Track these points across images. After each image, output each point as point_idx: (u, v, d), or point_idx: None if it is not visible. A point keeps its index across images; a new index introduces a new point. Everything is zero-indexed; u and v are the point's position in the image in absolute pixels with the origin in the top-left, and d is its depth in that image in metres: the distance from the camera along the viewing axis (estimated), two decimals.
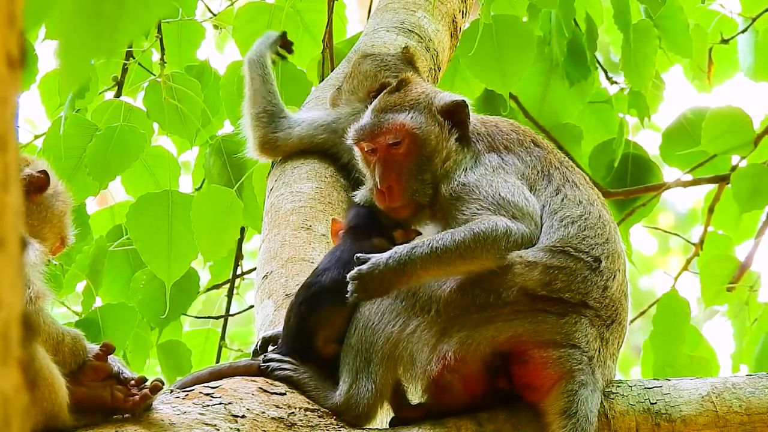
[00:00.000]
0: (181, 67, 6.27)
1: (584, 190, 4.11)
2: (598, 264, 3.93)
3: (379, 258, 3.87)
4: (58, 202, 4.10)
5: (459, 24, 6.00)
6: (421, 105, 4.20)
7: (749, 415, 3.92)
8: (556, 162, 4.17)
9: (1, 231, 1.67)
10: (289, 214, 4.89)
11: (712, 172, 6.57)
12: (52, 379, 3.55)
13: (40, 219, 4.01)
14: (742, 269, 6.41)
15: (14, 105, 1.70)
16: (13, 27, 1.68)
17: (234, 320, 6.85)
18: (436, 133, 4.16)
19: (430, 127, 4.17)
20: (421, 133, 4.14)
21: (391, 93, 4.27)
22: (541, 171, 4.11)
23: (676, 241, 11.05)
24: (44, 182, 4.03)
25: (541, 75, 6.56)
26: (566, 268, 3.89)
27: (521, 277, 3.86)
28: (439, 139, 4.16)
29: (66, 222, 4.13)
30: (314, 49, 6.34)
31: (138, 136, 5.69)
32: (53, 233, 4.07)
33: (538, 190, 4.06)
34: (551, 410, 3.82)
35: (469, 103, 4.24)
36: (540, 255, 3.89)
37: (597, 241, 3.97)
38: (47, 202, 4.06)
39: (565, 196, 4.04)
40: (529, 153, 4.16)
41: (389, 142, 4.14)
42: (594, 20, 6.50)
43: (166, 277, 5.58)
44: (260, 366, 4.00)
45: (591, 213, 4.03)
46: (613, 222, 4.12)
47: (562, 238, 3.93)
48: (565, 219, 3.97)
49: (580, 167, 4.48)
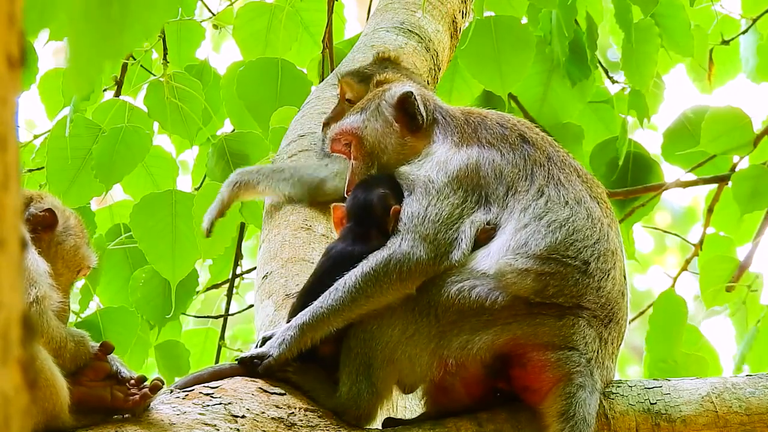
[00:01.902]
0: (181, 66, 6.27)
1: (571, 188, 4.03)
2: (586, 266, 3.91)
3: (269, 350, 3.96)
4: (69, 237, 4.07)
5: (459, 24, 6.00)
6: (371, 104, 4.31)
7: (749, 416, 3.92)
8: (543, 159, 4.09)
9: (1, 231, 1.67)
10: (289, 214, 4.89)
11: (712, 172, 6.58)
12: (53, 379, 3.55)
13: (52, 255, 3.98)
14: (742, 269, 6.41)
15: (14, 105, 1.70)
16: (13, 27, 1.68)
17: (236, 318, 6.86)
18: (379, 130, 4.24)
19: (373, 124, 4.25)
20: (360, 133, 4.26)
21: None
22: (523, 169, 4.05)
23: (673, 239, 11.05)
24: (50, 220, 4.02)
25: (541, 75, 6.56)
26: (557, 273, 3.87)
27: (514, 286, 3.85)
28: (384, 135, 4.23)
29: (82, 254, 4.09)
30: (314, 49, 6.34)
31: (143, 136, 5.70)
32: (68, 268, 4.05)
33: (519, 191, 4.00)
34: (549, 412, 3.81)
35: (417, 92, 4.26)
36: (530, 263, 3.86)
37: (585, 244, 3.92)
38: (57, 239, 4.04)
39: (549, 198, 3.97)
40: (512, 149, 4.11)
41: (343, 146, 4.31)
42: (594, 20, 6.50)
43: (171, 277, 5.59)
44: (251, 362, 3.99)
45: (578, 214, 3.97)
46: (606, 217, 4.04)
47: (550, 245, 3.88)
48: (552, 224, 3.92)
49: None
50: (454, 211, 3.98)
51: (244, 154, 5.81)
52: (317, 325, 3.93)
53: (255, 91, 5.93)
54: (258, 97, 5.92)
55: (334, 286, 3.95)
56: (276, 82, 5.93)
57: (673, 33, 6.59)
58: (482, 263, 3.89)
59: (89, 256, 4.13)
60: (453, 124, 4.22)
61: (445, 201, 3.99)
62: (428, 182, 4.04)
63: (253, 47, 6.28)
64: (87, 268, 4.13)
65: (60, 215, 4.05)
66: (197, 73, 6.30)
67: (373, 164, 4.25)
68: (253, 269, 6.13)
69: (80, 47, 1.84)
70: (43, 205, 4.04)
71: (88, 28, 1.84)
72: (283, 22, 6.24)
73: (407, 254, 3.91)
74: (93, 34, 1.84)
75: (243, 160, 5.81)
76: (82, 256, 4.10)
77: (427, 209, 3.97)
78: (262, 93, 5.92)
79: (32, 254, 3.71)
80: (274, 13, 6.27)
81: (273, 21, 6.25)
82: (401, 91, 4.27)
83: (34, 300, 3.55)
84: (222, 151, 5.84)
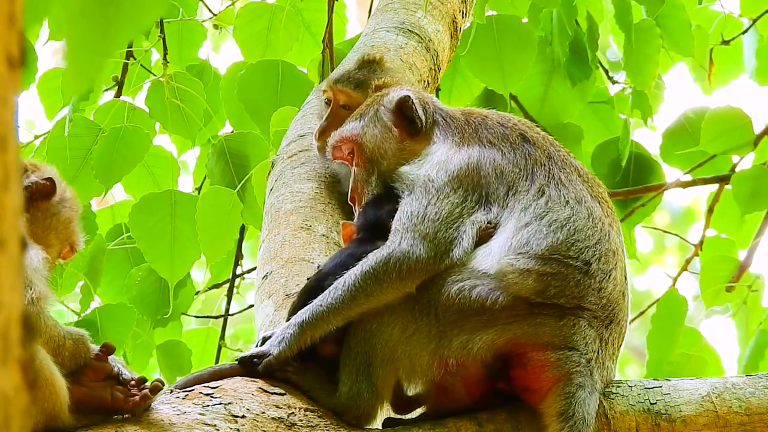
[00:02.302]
0: (182, 66, 6.27)
1: (572, 187, 4.03)
2: (588, 267, 3.91)
3: (269, 349, 3.95)
4: (65, 209, 4.07)
5: (459, 24, 6.00)
6: (370, 110, 4.34)
7: (749, 416, 3.92)
8: (543, 158, 4.09)
9: (1, 231, 1.67)
10: (289, 214, 4.89)
11: (712, 173, 6.57)
12: (53, 379, 3.55)
13: (46, 225, 3.98)
14: (742, 269, 6.41)
15: (14, 105, 1.70)
16: (13, 27, 1.68)
17: (237, 318, 6.86)
18: (378, 136, 4.27)
19: (372, 130, 4.28)
20: (360, 139, 4.29)
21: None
22: (524, 169, 4.05)
23: (672, 239, 11.04)
24: (50, 189, 4.01)
25: (542, 75, 6.56)
26: (558, 274, 3.86)
27: (516, 286, 3.84)
28: (384, 141, 4.26)
29: (73, 228, 4.10)
30: (315, 49, 6.34)
31: (142, 136, 5.70)
32: (59, 240, 4.05)
33: (519, 191, 4.00)
34: (549, 412, 3.81)
35: (415, 96, 4.27)
36: (532, 263, 3.85)
37: (587, 244, 3.92)
38: (53, 209, 4.03)
39: (549, 197, 3.97)
40: (513, 149, 4.10)
41: (345, 155, 4.34)
42: (595, 20, 6.50)
43: (169, 277, 5.59)
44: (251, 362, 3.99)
45: (579, 213, 3.96)
46: (607, 217, 4.04)
47: (551, 245, 3.88)
48: (553, 224, 3.91)
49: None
50: (454, 210, 3.98)
51: (244, 155, 5.81)
52: (317, 323, 3.93)
53: (255, 94, 5.93)
54: (258, 100, 5.92)
55: (334, 285, 3.95)
56: (276, 84, 5.93)
57: (673, 33, 6.59)
58: (483, 263, 3.89)
59: (79, 233, 4.13)
60: (453, 125, 4.22)
61: (445, 200, 3.99)
62: (428, 181, 4.04)
63: (254, 47, 6.27)
64: (74, 245, 4.11)
65: (58, 185, 4.04)
66: (197, 73, 6.30)
67: (374, 170, 4.25)
68: (254, 269, 6.13)
69: (78, 46, 1.84)
70: (42, 173, 4.03)
71: (86, 27, 1.84)
72: (283, 22, 6.24)
73: (407, 253, 3.91)
74: (91, 32, 1.84)
75: (243, 161, 5.81)
76: (73, 229, 4.09)
77: (427, 208, 3.97)
78: (262, 96, 5.92)
79: (29, 252, 3.71)
80: (275, 14, 6.27)
81: (274, 21, 6.25)
82: (399, 95, 4.28)
83: (30, 301, 3.55)
84: (222, 151, 5.84)
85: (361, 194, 4.28)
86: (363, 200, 4.26)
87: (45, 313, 3.63)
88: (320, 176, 5.06)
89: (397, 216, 4.03)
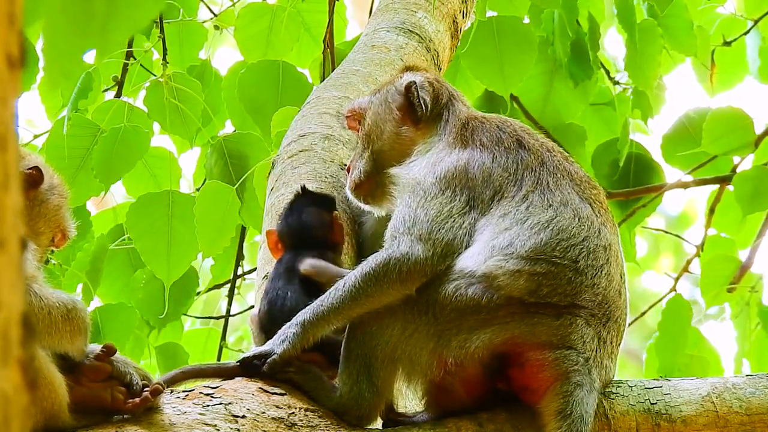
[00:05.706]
0: (183, 67, 6.27)
1: (558, 192, 4.00)
2: (576, 264, 3.89)
3: (272, 348, 3.96)
4: (53, 196, 4.05)
5: (460, 24, 6.00)
6: (384, 88, 4.41)
7: (749, 416, 3.92)
8: (535, 164, 4.06)
9: (1, 231, 1.67)
10: None
11: (713, 173, 6.57)
12: (52, 379, 3.55)
13: (35, 214, 3.96)
14: (743, 270, 6.41)
15: (14, 105, 1.70)
16: (13, 27, 1.68)
17: (237, 320, 6.86)
18: (380, 114, 4.33)
19: (377, 107, 4.36)
20: (364, 112, 4.38)
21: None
22: (513, 174, 4.03)
23: (666, 244, 11.02)
24: (37, 178, 3.98)
25: (544, 75, 6.56)
26: (548, 273, 3.85)
27: (508, 287, 3.84)
28: (384, 120, 4.32)
29: (63, 215, 4.08)
30: (315, 49, 6.34)
31: (142, 136, 5.70)
32: (49, 227, 4.03)
33: (506, 196, 3.99)
34: (547, 411, 3.81)
35: (430, 85, 4.31)
36: (521, 264, 3.85)
37: (572, 242, 3.90)
38: (42, 197, 4.01)
39: (531, 203, 3.95)
40: (507, 154, 4.09)
41: (354, 123, 4.45)
42: (596, 20, 6.50)
43: (165, 277, 5.59)
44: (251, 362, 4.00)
45: (563, 214, 3.94)
46: (598, 216, 4.01)
47: (535, 246, 3.86)
48: (535, 226, 3.90)
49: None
50: (443, 209, 3.99)
51: (243, 155, 5.82)
52: (318, 322, 3.94)
53: (256, 95, 5.93)
54: (259, 101, 5.93)
55: (335, 286, 3.96)
56: (277, 85, 5.93)
57: (675, 33, 6.59)
58: (469, 263, 3.89)
59: (69, 219, 4.11)
60: (453, 124, 4.23)
61: (433, 201, 4.01)
62: (416, 185, 4.07)
63: (255, 48, 6.28)
64: (65, 232, 4.09)
65: (45, 173, 4.03)
66: (198, 74, 6.30)
67: (369, 146, 4.34)
68: (254, 270, 6.13)
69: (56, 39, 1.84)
70: (28, 162, 4.01)
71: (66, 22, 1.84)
72: (284, 23, 6.24)
73: (406, 254, 3.92)
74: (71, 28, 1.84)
75: (242, 161, 5.81)
76: (63, 216, 4.07)
77: (416, 211, 4.00)
78: (263, 96, 5.92)
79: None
80: (276, 14, 6.27)
81: (274, 22, 6.25)
82: (410, 79, 4.31)
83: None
84: (221, 151, 5.84)
85: (353, 167, 4.38)
86: (354, 172, 4.36)
87: (31, 288, 3.56)
88: (321, 176, 5.06)
89: (391, 223, 4.06)
